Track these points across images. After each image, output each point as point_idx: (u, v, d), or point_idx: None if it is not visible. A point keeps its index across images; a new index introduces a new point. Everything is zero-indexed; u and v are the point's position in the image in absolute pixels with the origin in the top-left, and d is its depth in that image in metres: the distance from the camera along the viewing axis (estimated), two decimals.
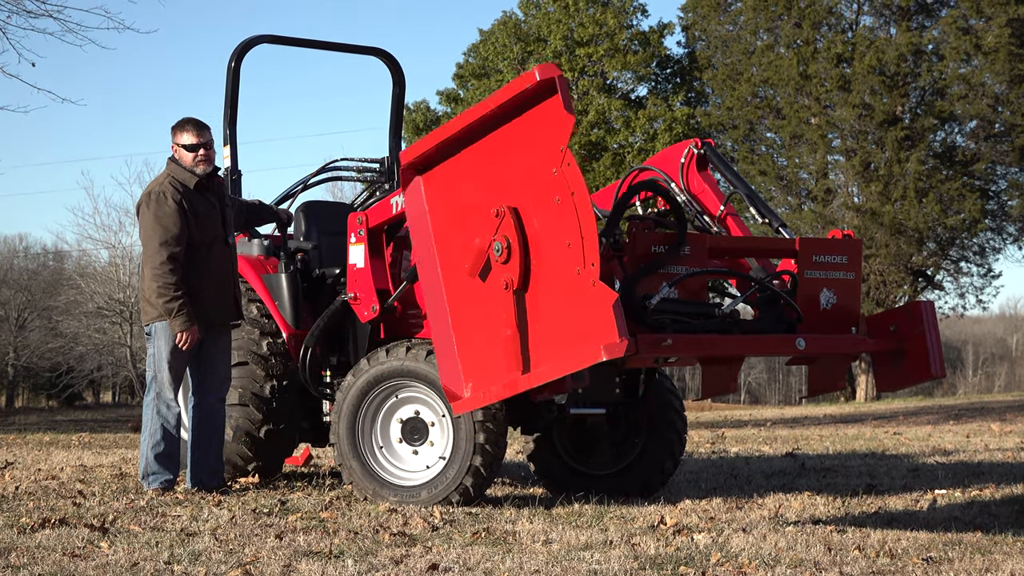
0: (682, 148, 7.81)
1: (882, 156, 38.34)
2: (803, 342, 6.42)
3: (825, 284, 6.65)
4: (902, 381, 6.80)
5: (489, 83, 38.61)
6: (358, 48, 10.45)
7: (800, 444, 14.70)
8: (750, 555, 5.95)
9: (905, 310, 6.80)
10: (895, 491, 8.79)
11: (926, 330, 6.68)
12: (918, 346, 6.68)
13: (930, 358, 6.64)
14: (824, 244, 6.74)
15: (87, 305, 49.25)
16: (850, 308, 6.70)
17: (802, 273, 6.60)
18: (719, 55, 40.86)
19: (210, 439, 8.49)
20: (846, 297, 6.69)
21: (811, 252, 6.64)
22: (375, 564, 5.73)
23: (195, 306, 8.25)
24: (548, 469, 8.95)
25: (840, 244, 6.75)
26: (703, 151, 7.70)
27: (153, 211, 8.26)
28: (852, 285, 6.73)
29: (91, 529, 6.60)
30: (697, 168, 7.69)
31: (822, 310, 6.61)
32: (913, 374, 6.73)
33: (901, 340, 6.72)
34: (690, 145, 7.78)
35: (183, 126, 8.45)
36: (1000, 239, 42.00)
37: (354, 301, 8.47)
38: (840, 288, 6.67)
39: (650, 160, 8.05)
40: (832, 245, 6.74)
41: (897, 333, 6.73)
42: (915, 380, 6.73)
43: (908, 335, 6.70)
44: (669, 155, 7.90)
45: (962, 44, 37.11)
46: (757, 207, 7.48)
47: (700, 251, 6.48)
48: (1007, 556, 5.99)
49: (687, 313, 6.30)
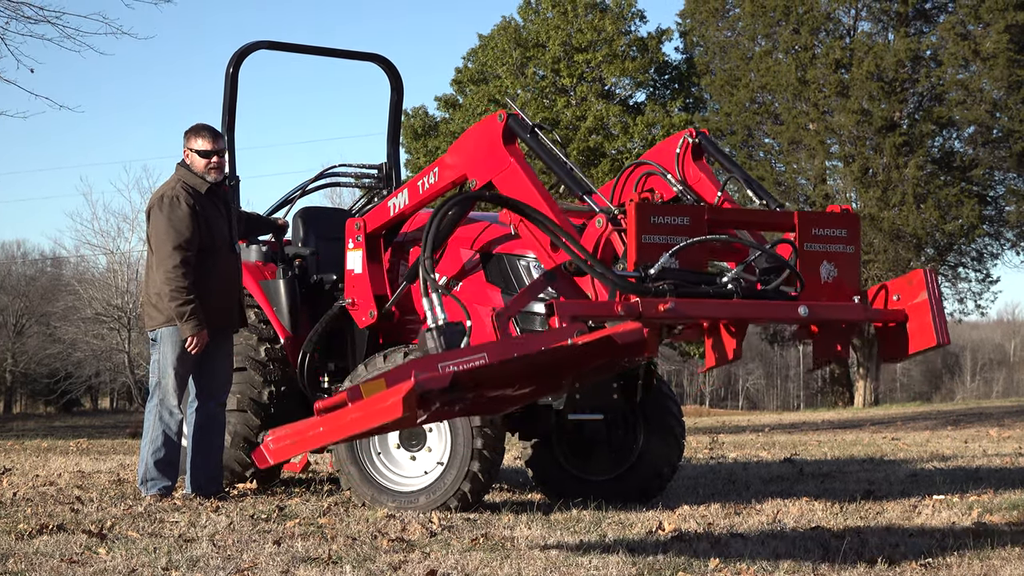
0: (677, 139, 7.79)
1: (880, 162, 38.35)
2: (806, 309, 6.40)
3: (825, 257, 6.63)
4: (906, 350, 6.75)
5: (488, 88, 38.64)
6: (356, 54, 10.44)
7: (798, 449, 14.70)
8: (748, 561, 5.94)
9: (907, 279, 6.76)
10: (893, 496, 8.78)
11: (929, 297, 6.64)
12: (921, 314, 6.64)
13: (934, 326, 6.61)
14: (823, 218, 6.73)
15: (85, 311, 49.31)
16: (851, 280, 6.67)
17: (802, 246, 6.58)
18: (717, 61, 40.89)
19: (209, 445, 8.49)
20: (846, 270, 6.67)
21: (810, 225, 6.63)
22: (373, 570, 5.72)
23: (202, 311, 8.25)
24: (546, 475, 8.94)
25: (839, 218, 6.74)
26: (698, 140, 7.69)
27: (166, 214, 8.26)
28: (852, 258, 6.71)
29: (89, 535, 6.59)
30: (693, 158, 7.68)
31: (823, 283, 6.59)
32: (917, 342, 6.68)
33: (904, 309, 6.68)
34: (684, 135, 7.77)
35: (198, 132, 8.45)
36: (998, 244, 42.04)
37: (352, 307, 8.47)
38: (840, 261, 6.66)
39: (646, 154, 8.05)
40: (831, 219, 6.73)
41: (900, 302, 6.70)
42: (919, 348, 6.68)
43: (911, 303, 6.67)
44: (664, 147, 7.89)
45: (960, 50, 37.13)
46: (754, 189, 7.48)
47: (699, 223, 6.47)
48: (1005, 562, 5.99)
49: (688, 281, 6.29)
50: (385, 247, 8.56)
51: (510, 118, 7.39)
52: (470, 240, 8.12)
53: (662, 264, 6.17)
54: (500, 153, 7.35)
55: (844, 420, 29.07)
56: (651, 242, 6.28)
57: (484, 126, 7.51)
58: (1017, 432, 19.44)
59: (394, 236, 8.59)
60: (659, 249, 6.27)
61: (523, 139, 7.38)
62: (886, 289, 6.76)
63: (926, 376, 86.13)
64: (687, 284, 6.24)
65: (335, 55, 10.43)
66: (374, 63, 10.35)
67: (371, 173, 10.16)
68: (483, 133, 7.49)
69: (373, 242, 8.48)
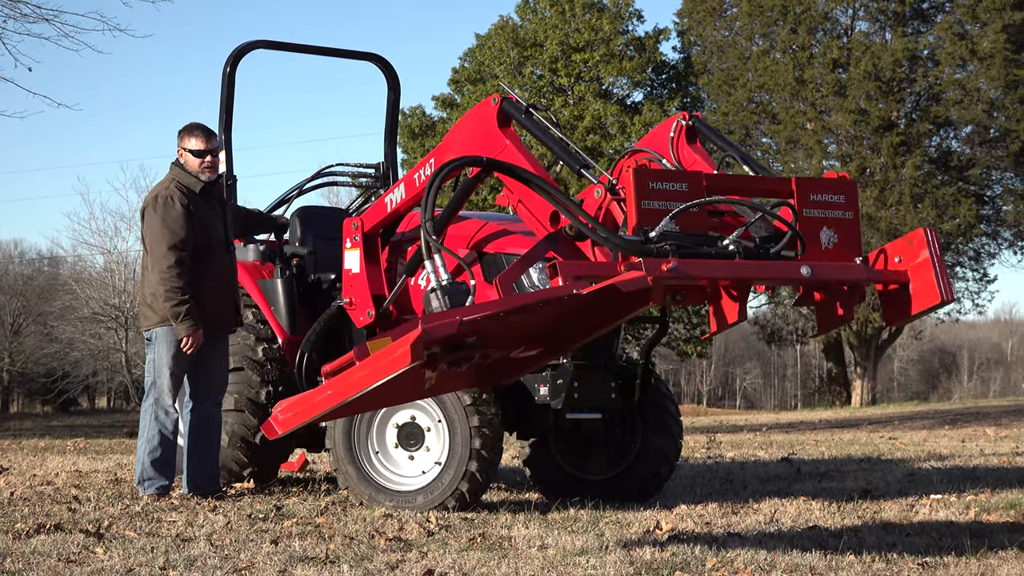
0: (670, 123, 7.77)
1: (878, 161, 38.36)
2: (808, 269, 6.38)
3: (825, 223, 6.61)
4: (910, 309, 6.73)
5: (485, 88, 38.63)
6: (353, 53, 10.44)
7: (796, 449, 14.71)
8: (746, 560, 5.94)
9: (907, 240, 6.74)
10: (891, 496, 8.79)
11: (931, 255, 6.63)
12: (924, 272, 6.62)
13: (937, 283, 6.59)
14: (820, 184, 6.71)
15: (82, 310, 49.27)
16: (852, 246, 6.65)
17: (801, 212, 6.57)
18: (715, 60, 40.89)
19: (206, 444, 8.49)
20: (846, 235, 6.65)
21: (808, 191, 6.61)
22: (371, 570, 5.72)
23: (197, 311, 8.24)
24: (544, 474, 8.94)
25: (836, 183, 6.73)
26: (691, 123, 7.69)
27: (160, 214, 8.25)
28: (851, 224, 6.69)
29: (86, 535, 6.59)
30: (687, 141, 7.67)
31: (824, 249, 6.57)
32: (920, 301, 6.66)
33: (907, 270, 6.67)
34: (678, 118, 7.75)
35: (192, 131, 8.45)
36: (995, 244, 42.07)
37: (350, 306, 8.46)
38: (840, 227, 6.63)
39: (641, 141, 8.04)
40: (828, 185, 6.71)
41: (902, 263, 6.69)
42: (923, 307, 6.66)
43: (913, 264, 6.65)
44: (658, 132, 7.87)
45: (957, 49, 37.15)
46: (751, 166, 7.47)
47: (697, 189, 6.46)
48: (1003, 561, 5.99)
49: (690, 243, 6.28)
50: (382, 246, 8.55)
51: (504, 101, 7.39)
52: (466, 239, 8.12)
53: (663, 227, 6.17)
54: (496, 136, 7.35)
55: (841, 419, 29.09)
56: (650, 208, 6.28)
57: (479, 111, 7.51)
58: (1014, 431, 19.46)
59: (391, 235, 8.58)
60: (658, 215, 6.26)
61: (518, 120, 7.38)
62: (885, 253, 6.75)
63: (923, 376, 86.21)
64: (688, 246, 6.24)
65: (332, 54, 10.43)
66: (371, 62, 10.34)
67: (368, 172, 10.16)
68: (478, 118, 7.49)
69: (371, 241, 8.47)
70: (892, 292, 6.71)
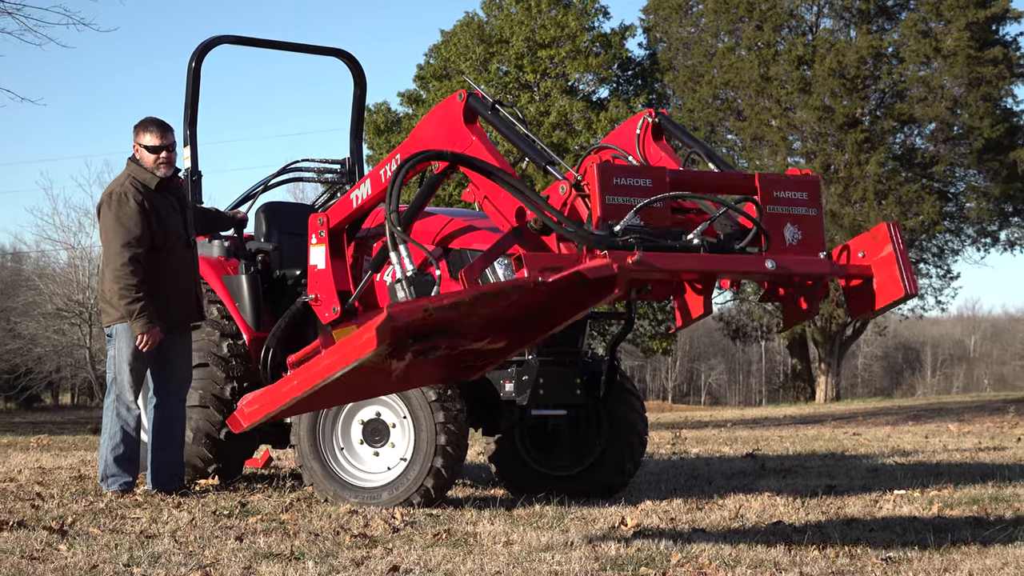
0: (636, 120, 7.79)
1: (842, 158, 38.55)
2: (773, 263, 6.42)
3: (789, 219, 6.65)
4: (875, 304, 6.77)
5: (451, 84, 38.59)
6: (319, 49, 10.41)
7: (760, 445, 14.76)
8: (710, 556, 5.96)
9: (870, 235, 6.79)
10: (854, 491, 8.83)
11: (894, 250, 6.67)
12: (887, 266, 6.66)
13: (901, 277, 6.64)
14: (783, 181, 6.75)
15: (46, 306, 48.95)
16: (815, 242, 6.69)
17: (765, 208, 6.60)
18: (680, 57, 40.98)
19: (170, 440, 8.45)
20: (810, 232, 6.69)
21: (772, 188, 6.64)
22: (336, 566, 5.71)
23: (157, 307, 8.20)
24: (509, 470, 8.95)
25: (799, 180, 6.76)
26: (657, 120, 7.71)
27: (115, 212, 8.20)
28: (815, 221, 6.73)
29: (50, 531, 6.56)
30: (653, 138, 7.69)
31: (788, 246, 6.60)
32: (885, 295, 6.70)
33: (870, 265, 6.71)
34: (644, 115, 7.77)
35: (146, 127, 8.40)
36: (958, 241, 42.34)
37: (315, 302, 8.44)
38: (804, 224, 6.67)
39: (607, 137, 8.05)
40: (791, 182, 6.74)
41: (865, 258, 6.73)
42: (888, 301, 6.70)
43: (876, 258, 6.69)
44: (624, 129, 7.88)
45: (922, 47, 37.37)
46: (715, 162, 7.50)
47: (660, 184, 6.48)
48: (965, 556, 6.03)
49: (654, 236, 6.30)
50: (348, 242, 8.53)
51: (470, 97, 7.38)
52: (432, 235, 8.11)
53: (627, 222, 6.19)
54: (462, 132, 7.34)
55: (805, 415, 29.20)
56: (615, 203, 6.30)
57: (444, 107, 7.50)
58: (977, 427, 19.58)
59: (357, 231, 8.56)
60: (623, 210, 6.29)
61: (484, 116, 7.38)
62: (849, 248, 6.79)
63: (887, 372, 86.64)
64: (653, 239, 6.26)
65: (298, 50, 10.40)
66: (337, 58, 10.32)
67: (334, 168, 10.14)
68: (444, 114, 7.48)
69: (336, 237, 8.45)
70: (856, 287, 6.75)
